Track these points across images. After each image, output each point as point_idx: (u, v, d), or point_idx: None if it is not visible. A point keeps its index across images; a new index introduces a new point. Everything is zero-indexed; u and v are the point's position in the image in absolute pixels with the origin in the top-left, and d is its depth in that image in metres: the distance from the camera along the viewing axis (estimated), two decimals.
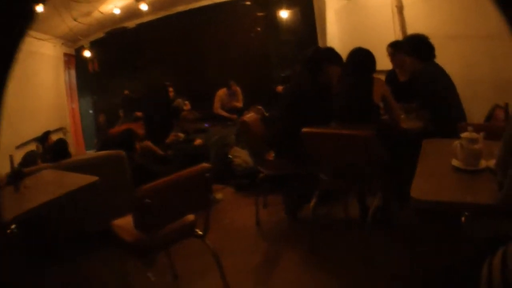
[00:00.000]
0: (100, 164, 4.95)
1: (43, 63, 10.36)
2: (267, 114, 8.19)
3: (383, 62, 5.51)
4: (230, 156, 6.92)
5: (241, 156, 6.84)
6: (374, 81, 4.31)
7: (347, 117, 4.34)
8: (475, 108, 4.69)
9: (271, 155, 4.96)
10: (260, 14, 11.21)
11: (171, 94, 9.24)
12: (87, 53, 11.18)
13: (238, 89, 10.09)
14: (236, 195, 6.30)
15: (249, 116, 5.28)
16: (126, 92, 10.63)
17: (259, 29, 11.29)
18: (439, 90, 4.21)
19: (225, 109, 9.94)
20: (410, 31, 6.31)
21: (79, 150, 11.54)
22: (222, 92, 10.06)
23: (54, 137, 8.95)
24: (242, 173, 6.50)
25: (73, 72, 12.05)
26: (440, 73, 4.31)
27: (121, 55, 11.29)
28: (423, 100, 4.43)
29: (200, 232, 3.56)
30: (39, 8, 7.12)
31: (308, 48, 4.88)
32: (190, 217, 3.57)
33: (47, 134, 8.74)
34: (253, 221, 5.16)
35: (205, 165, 3.37)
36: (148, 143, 6.24)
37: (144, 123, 8.44)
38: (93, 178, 3.90)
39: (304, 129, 4.01)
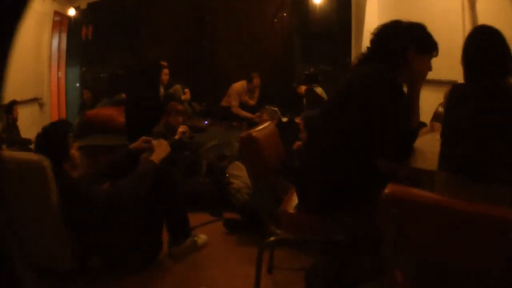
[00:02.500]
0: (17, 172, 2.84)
1: (25, 17, 8.33)
2: (284, 119, 6.17)
3: (450, 70, 3.78)
4: (227, 174, 4.80)
5: (243, 176, 4.74)
6: None
7: (471, 167, 2.29)
8: None
9: (289, 203, 2.81)
10: None
11: (165, 77, 7.20)
12: (71, 11, 9.56)
13: (258, 83, 8.29)
14: (227, 240, 4.13)
15: (262, 129, 3.09)
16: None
17: (284, 14, 9.70)
18: None
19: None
20: None
21: None
22: (240, 86, 8.31)
23: (27, 110, 7.74)
24: (241, 204, 4.37)
25: (64, 36, 10.33)
26: None
27: (119, 24, 9.60)
28: None
29: None
30: None
31: (384, 24, 2.63)
32: None
33: (12, 104, 6.66)
34: None
35: None
36: None
37: (125, 109, 6.39)
38: None
39: (391, 188, 1.80)
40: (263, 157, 2.90)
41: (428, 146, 2.93)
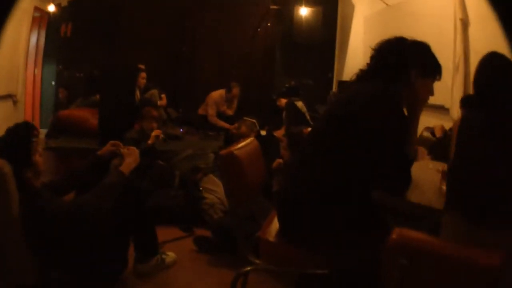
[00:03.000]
0: None
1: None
2: (262, 132, 5.94)
3: (438, 94, 3.38)
4: (201, 188, 4.54)
5: (217, 191, 4.48)
6: None
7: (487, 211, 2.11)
8: None
9: (269, 230, 2.56)
10: (273, 7, 9.32)
11: (142, 81, 6.91)
12: (51, 7, 9.03)
13: (238, 93, 8.03)
14: (197, 259, 3.85)
15: (244, 146, 2.82)
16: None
17: (269, 24, 9.39)
18: None
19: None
20: (473, 53, 4.91)
21: None
22: (218, 95, 8.02)
23: (0, 106, 7.42)
24: (215, 222, 4.10)
25: (43, 33, 9.95)
26: None
27: (99, 24, 9.21)
28: None
29: None
30: None
31: (388, 40, 2.39)
32: None
33: None
34: None
35: None
36: None
37: (98, 111, 6.11)
38: None
39: (398, 234, 1.57)
40: (244, 179, 2.61)
41: (423, 176, 2.71)
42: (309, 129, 3.62)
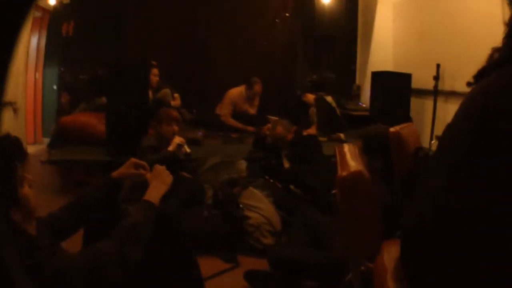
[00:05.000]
0: None
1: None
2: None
3: None
4: (241, 204, 3.60)
5: (261, 207, 3.55)
6: None
7: None
8: None
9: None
10: None
11: (155, 78, 6.02)
12: (52, 1, 8.33)
13: (260, 90, 7.13)
14: None
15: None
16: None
17: (287, 14, 8.54)
18: None
19: (235, 115, 7.08)
20: None
21: (33, 136, 8.90)
22: (237, 93, 7.15)
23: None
24: (272, 252, 3.15)
25: (45, 33, 9.28)
26: None
27: (103, 20, 8.34)
28: None
29: None
30: None
31: None
32: None
33: None
34: None
35: None
36: None
37: (105, 116, 5.31)
38: None
39: None
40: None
41: None
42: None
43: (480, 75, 1.52)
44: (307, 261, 2.83)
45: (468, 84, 1.55)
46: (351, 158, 1.84)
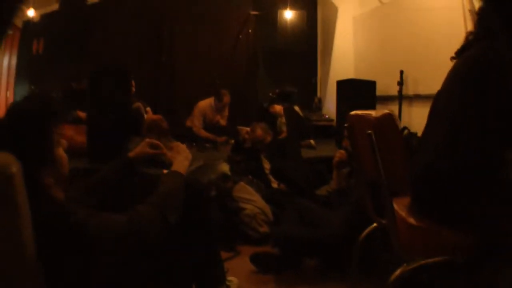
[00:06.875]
0: None
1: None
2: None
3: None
4: (235, 198, 3.68)
5: (254, 200, 3.66)
6: None
7: None
8: None
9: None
10: (253, 13, 8.55)
11: (133, 89, 5.96)
12: (31, 13, 8.08)
13: (229, 101, 7.23)
14: (261, 282, 2.99)
15: None
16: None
17: (250, 31, 8.60)
18: None
19: (206, 126, 7.14)
20: None
21: None
22: (206, 105, 7.20)
23: None
24: (280, 234, 3.23)
25: (15, 52, 9.19)
26: None
27: (72, 36, 8.15)
28: None
29: None
30: None
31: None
32: None
33: None
34: None
35: None
36: None
37: (87, 128, 5.09)
38: None
39: None
40: None
41: None
42: None
43: (461, 52, 1.94)
44: (307, 237, 2.98)
45: (452, 58, 1.97)
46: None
